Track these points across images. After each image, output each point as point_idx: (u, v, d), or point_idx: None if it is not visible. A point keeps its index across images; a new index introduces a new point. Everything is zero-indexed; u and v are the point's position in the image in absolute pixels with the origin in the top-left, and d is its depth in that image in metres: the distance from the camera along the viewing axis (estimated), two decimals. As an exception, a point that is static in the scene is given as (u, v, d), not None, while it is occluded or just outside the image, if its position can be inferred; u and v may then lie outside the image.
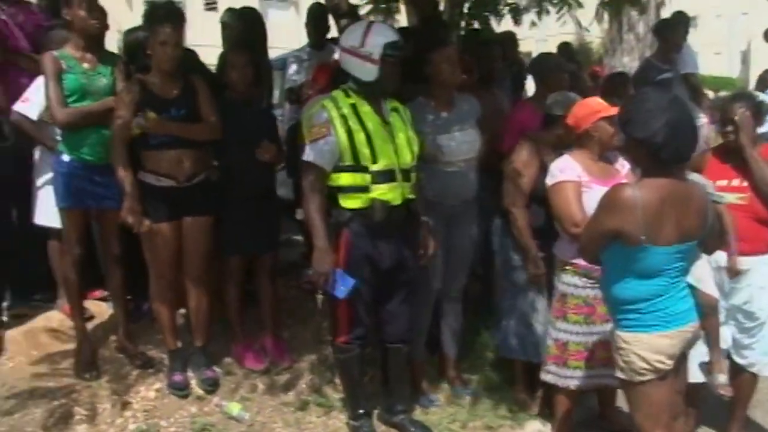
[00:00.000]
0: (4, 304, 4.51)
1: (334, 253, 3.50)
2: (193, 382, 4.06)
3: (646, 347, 2.90)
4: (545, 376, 3.83)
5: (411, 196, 3.59)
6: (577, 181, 3.57)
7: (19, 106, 4.22)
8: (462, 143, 4.00)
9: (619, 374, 3.02)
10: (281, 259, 4.75)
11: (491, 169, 4.42)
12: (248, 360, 4.27)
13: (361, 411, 3.78)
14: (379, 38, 3.49)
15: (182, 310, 4.33)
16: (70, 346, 4.17)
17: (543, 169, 3.81)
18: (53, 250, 4.35)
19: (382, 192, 3.48)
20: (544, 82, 4.63)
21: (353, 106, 3.50)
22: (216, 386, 4.07)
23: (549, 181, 3.69)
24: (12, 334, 4.26)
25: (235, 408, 3.88)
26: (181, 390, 3.97)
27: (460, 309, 4.34)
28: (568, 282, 3.72)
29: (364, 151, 3.45)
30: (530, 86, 6.19)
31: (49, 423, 3.66)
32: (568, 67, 5.12)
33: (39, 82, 4.15)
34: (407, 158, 3.55)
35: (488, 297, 4.93)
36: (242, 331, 4.35)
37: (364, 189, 3.47)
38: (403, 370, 3.95)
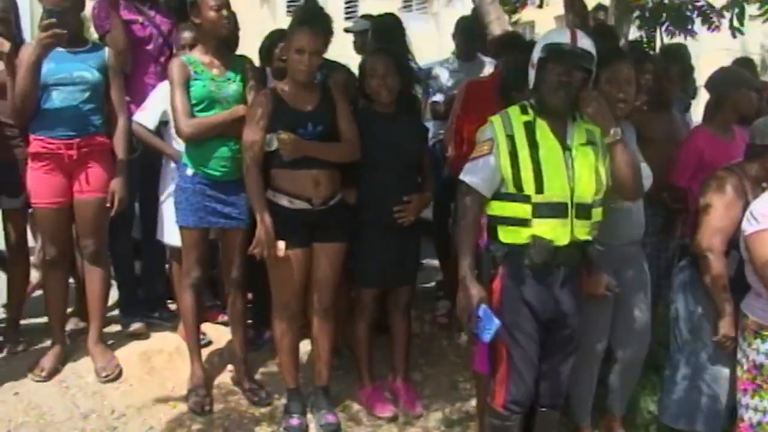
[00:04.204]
0: (123, 321, 4.26)
1: (488, 292, 2.97)
2: (312, 426, 3.65)
3: None
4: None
5: (586, 238, 2.98)
6: None
7: (137, 115, 3.99)
8: None
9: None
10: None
11: (657, 204, 3.88)
12: (375, 405, 3.81)
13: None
14: (545, 39, 2.94)
15: (306, 342, 3.94)
16: (185, 372, 3.85)
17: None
18: (175, 270, 4.06)
19: (545, 228, 2.91)
20: (726, 101, 3.95)
21: (528, 125, 2.95)
22: (337, 433, 3.65)
23: (749, 227, 3.04)
24: (127, 355, 3.99)
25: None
26: (298, 437, 3.57)
27: (639, 370, 3.71)
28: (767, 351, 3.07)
29: (527, 177, 2.89)
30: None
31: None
32: (755, 84, 4.38)
33: (158, 88, 3.95)
34: (586, 191, 2.94)
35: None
36: (370, 372, 3.89)
37: (523, 222, 2.92)
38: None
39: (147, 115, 3.95)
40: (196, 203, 3.56)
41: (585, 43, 2.90)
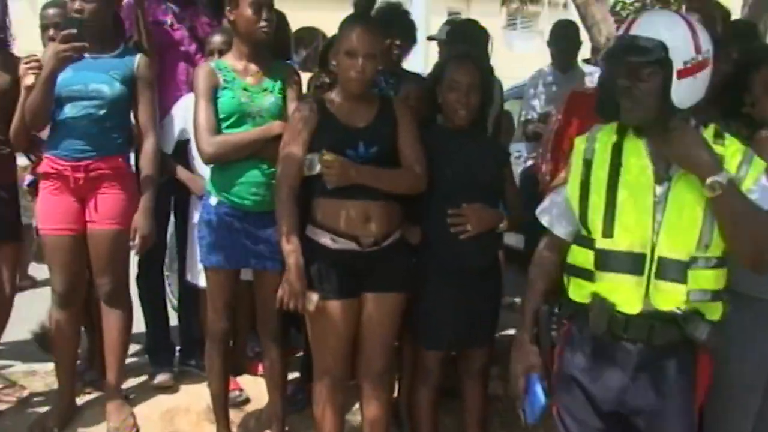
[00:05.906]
0: (150, 370, 3.68)
1: (547, 360, 2.28)
2: None
3: None
4: None
5: (675, 309, 2.06)
6: None
7: None
8: None
9: None
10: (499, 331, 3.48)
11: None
12: (439, 493, 3.08)
13: None
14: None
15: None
16: (214, 438, 3.23)
17: None
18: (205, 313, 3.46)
19: (609, 286, 2.10)
20: None
21: (617, 147, 2.16)
22: None
23: None
24: (147, 413, 3.39)
25: None
26: None
27: None
28: None
29: (595, 215, 2.12)
30: None
31: None
32: None
33: (177, 104, 3.45)
34: (680, 241, 2.05)
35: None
36: (434, 449, 3.16)
37: (587, 275, 2.15)
38: None
39: (162, 138, 3.39)
40: (222, 239, 2.93)
41: (645, 27, 2.03)
